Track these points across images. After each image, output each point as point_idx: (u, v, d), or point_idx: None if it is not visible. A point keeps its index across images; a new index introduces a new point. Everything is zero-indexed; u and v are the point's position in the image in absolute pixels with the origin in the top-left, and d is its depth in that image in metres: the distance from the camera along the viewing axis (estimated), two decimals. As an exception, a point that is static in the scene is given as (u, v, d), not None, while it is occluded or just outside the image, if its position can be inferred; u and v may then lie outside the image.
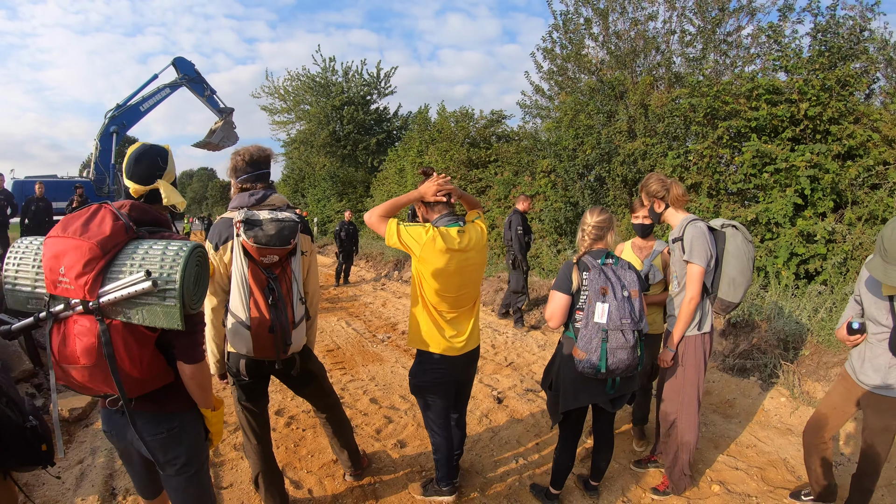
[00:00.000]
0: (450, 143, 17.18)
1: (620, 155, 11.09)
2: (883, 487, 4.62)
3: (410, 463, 4.70)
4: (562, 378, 3.68)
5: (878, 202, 7.78)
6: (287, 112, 29.56)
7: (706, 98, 9.56)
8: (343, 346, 8.47)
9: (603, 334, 3.35)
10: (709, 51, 11.68)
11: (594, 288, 3.39)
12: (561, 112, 13.41)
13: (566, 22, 13.77)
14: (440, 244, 3.36)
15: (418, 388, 3.79)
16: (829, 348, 6.43)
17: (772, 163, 8.57)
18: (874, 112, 8.53)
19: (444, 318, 3.62)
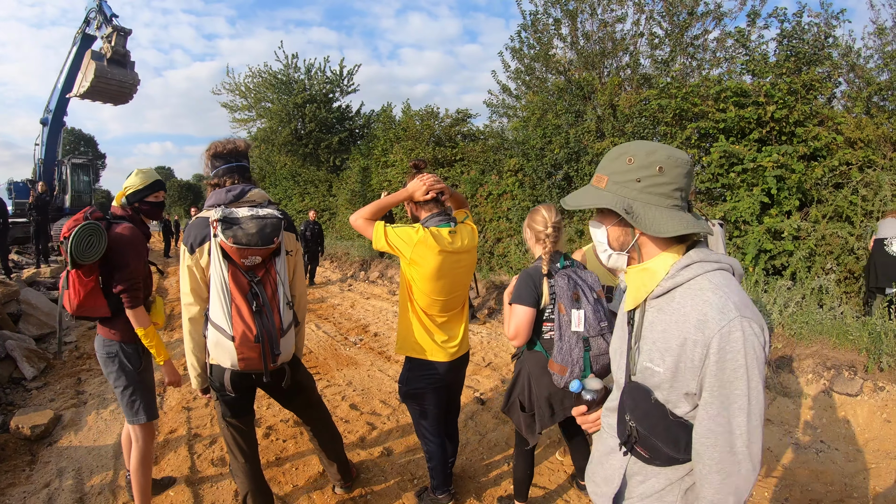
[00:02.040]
0: (415, 142, 17.15)
1: (589, 154, 11.17)
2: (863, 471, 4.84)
3: (400, 471, 4.66)
4: (534, 396, 3.44)
5: (842, 200, 8.08)
6: (248, 109, 29.00)
7: (675, 100, 9.71)
8: (315, 350, 8.42)
9: (584, 343, 3.14)
10: (677, 53, 11.81)
11: (566, 295, 3.18)
12: (528, 111, 13.48)
13: (535, 22, 13.83)
14: (432, 245, 3.26)
15: (410, 395, 3.68)
16: (801, 341, 6.66)
17: (739, 163, 8.76)
18: (838, 115, 8.81)
19: (435, 322, 3.53)
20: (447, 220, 3.41)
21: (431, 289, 3.39)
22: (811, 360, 6.45)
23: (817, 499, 4.43)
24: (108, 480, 4.66)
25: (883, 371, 6.07)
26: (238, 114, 29.03)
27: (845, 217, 8.05)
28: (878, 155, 8.25)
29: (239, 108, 28.88)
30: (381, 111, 25.33)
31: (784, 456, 5.14)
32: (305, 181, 26.97)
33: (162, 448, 5.24)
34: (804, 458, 5.11)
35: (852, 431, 5.57)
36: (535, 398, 3.42)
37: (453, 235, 3.38)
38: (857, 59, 9.55)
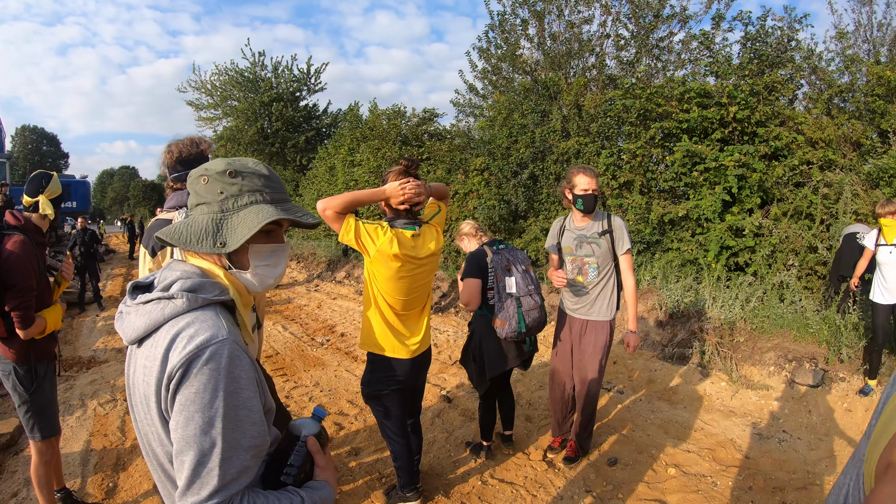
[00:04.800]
0: (381, 141, 16.91)
1: (554, 154, 11.12)
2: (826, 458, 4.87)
3: (368, 470, 4.61)
4: (484, 350, 4.30)
5: (801, 199, 8.14)
6: (214, 108, 28.39)
7: (639, 100, 9.72)
8: (282, 352, 8.23)
9: (517, 301, 4.09)
10: (642, 55, 11.84)
11: (500, 266, 4.15)
12: (495, 111, 13.41)
13: (502, 22, 13.79)
14: (395, 247, 3.24)
15: (373, 396, 3.68)
16: (763, 334, 6.73)
17: (701, 162, 8.79)
18: (799, 116, 8.89)
19: (397, 318, 3.51)
20: (412, 223, 3.39)
21: (393, 288, 3.39)
22: (773, 353, 6.51)
23: (781, 486, 4.43)
24: (75, 488, 4.50)
25: (843, 362, 6.16)
26: (204, 112, 28.38)
27: (806, 215, 8.12)
28: (838, 154, 8.33)
29: (205, 107, 28.23)
30: (347, 110, 25.02)
31: (747, 446, 5.13)
32: None
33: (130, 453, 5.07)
34: (767, 447, 5.12)
35: (814, 421, 5.62)
36: (485, 352, 4.30)
37: (416, 239, 3.37)
38: (819, 62, 9.67)
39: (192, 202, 1.54)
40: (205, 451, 1.29)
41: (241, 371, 1.36)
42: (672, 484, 4.40)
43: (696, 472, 4.61)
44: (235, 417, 1.33)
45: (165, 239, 1.48)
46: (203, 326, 1.35)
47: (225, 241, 1.48)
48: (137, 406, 1.44)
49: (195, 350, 1.31)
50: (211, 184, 1.50)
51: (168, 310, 1.38)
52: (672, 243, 9.16)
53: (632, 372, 7.04)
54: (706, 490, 4.34)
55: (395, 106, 17.66)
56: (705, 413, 5.87)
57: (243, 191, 1.51)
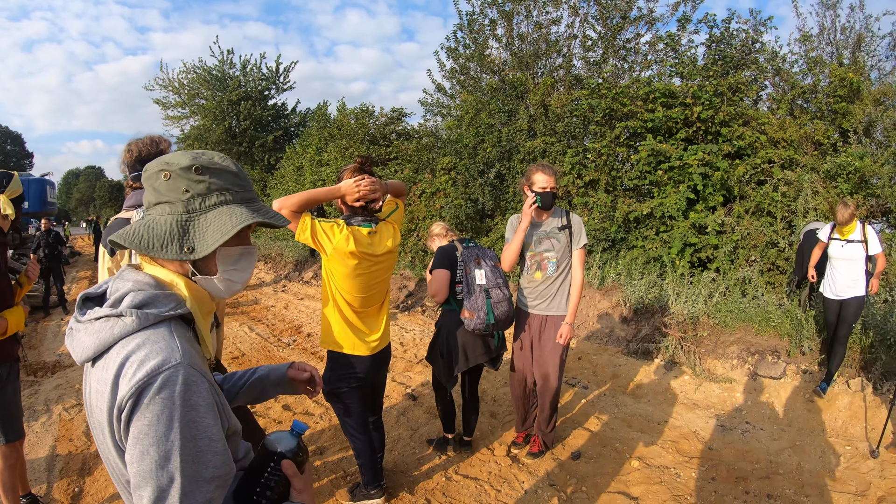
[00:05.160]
0: (349, 141, 16.75)
1: (521, 153, 11.11)
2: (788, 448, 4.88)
3: (333, 469, 4.54)
4: (452, 345, 4.24)
5: (763, 196, 8.20)
6: (181, 106, 27.68)
7: (605, 100, 9.74)
8: (248, 353, 8.08)
9: (486, 293, 4.08)
10: (609, 56, 11.87)
11: (470, 259, 4.17)
12: (462, 110, 13.36)
13: (471, 22, 13.72)
14: (351, 245, 3.21)
15: (333, 393, 3.62)
16: (726, 329, 6.75)
17: (666, 161, 8.83)
18: (762, 116, 8.97)
19: (356, 316, 3.46)
20: (369, 220, 3.37)
21: (350, 285, 3.36)
22: (736, 347, 6.53)
23: (744, 476, 4.46)
24: (41, 493, 4.36)
25: (805, 354, 6.17)
26: (171, 111, 27.68)
27: (767, 212, 8.17)
28: (800, 153, 8.41)
29: (172, 105, 27.53)
30: (316, 109, 24.69)
31: (711, 438, 5.15)
32: None
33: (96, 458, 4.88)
34: (730, 438, 5.14)
35: (777, 412, 5.66)
36: (452, 347, 4.23)
37: (373, 236, 3.35)
38: (783, 63, 9.75)
39: (149, 200, 1.38)
40: (163, 487, 1.17)
41: (198, 398, 1.23)
42: (636, 476, 4.40)
43: (659, 464, 4.61)
44: (195, 448, 1.21)
45: (122, 242, 1.33)
46: (154, 349, 1.22)
47: (193, 247, 1.34)
48: (94, 429, 1.32)
49: (145, 378, 1.17)
50: (174, 180, 1.35)
51: (117, 329, 1.24)
52: (637, 241, 9.17)
53: (596, 367, 7.01)
54: (669, 481, 4.33)
55: (363, 105, 17.56)
56: (669, 406, 5.88)
57: (211, 189, 1.37)
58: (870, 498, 4.20)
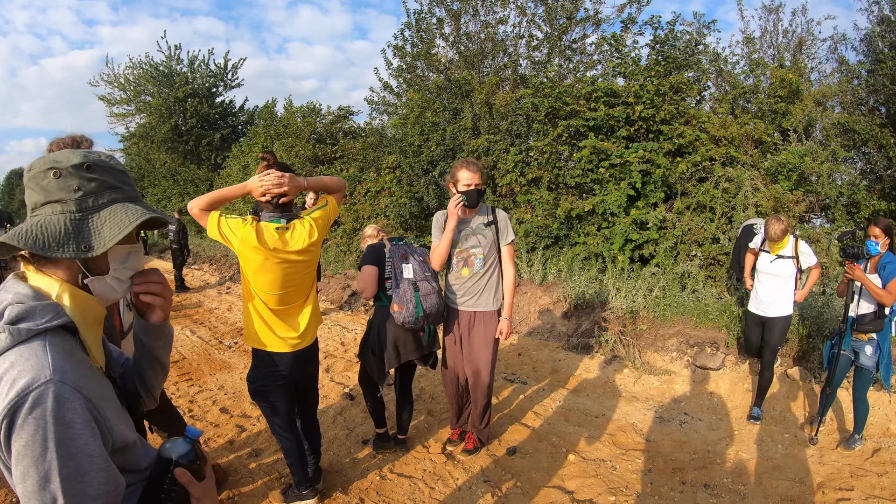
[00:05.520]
0: (295, 139, 16.47)
1: (465, 151, 11.00)
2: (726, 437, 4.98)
3: (268, 470, 4.45)
4: (383, 340, 4.19)
5: (703, 193, 8.22)
6: (127, 103, 26.53)
7: (548, 99, 9.72)
8: (189, 356, 7.78)
9: (414, 286, 4.06)
10: (554, 55, 11.86)
11: (398, 255, 4.15)
12: (408, 109, 13.21)
13: (419, 21, 13.54)
14: (254, 240, 3.15)
15: (258, 392, 3.55)
16: (665, 322, 6.76)
17: (607, 158, 8.81)
18: (703, 115, 9.02)
19: (273, 314, 3.41)
20: (278, 216, 3.30)
21: (263, 282, 3.29)
22: (675, 339, 6.50)
23: (680, 467, 4.43)
24: None
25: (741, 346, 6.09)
26: (116, 108, 26.59)
27: (708, 208, 8.19)
28: (740, 152, 8.47)
29: (117, 102, 26.42)
30: (262, 107, 24.12)
31: (649, 430, 5.12)
32: (185, 180, 25.14)
33: None
34: (668, 430, 5.12)
35: (715, 402, 5.69)
36: (383, 342, 4.18)
37: (282, 232, 3.25)
38: (725, 65, 9.88)
39: (35, 200, 1.33)
40: None
41: (72, 414, 1.19)
42: (571, 470, 4.35)
43: (595, 457, 4.56)
44: (76, 467, 1.17)
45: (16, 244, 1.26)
46: (25, 367, 1.18)
47: (90, 245, 1.31)
48: None
49: (16, 398, 1.14)
50: (65, 179, 1.31)
51: None
52: (579, 237, 9.15)
53: (536, 363, 6.94)
54: (605, 474, 4.28)
55: (310, 103, 17.28)
56: (607, 400, 5.84)
57: (103, 187, 1.36)
58: (808, 485, 4.19)
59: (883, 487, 4.13)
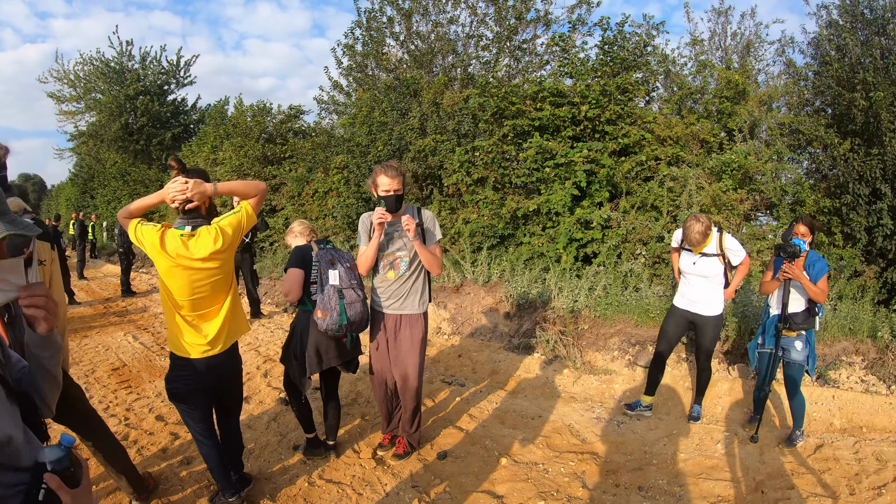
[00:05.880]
0: (244, 139, 16.06)
1: (411, 151, 10.85)
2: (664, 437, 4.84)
3: (198, 479, 4.28)
4: (304, 346, 4.08)
5: (648, 192, 8.19)
6: (77, 101, 25.43)
7: (494, 98, 9.64)
8: (129, 363, 7.40)
9: (339, 293, 3.94)
10: (502, 55, 11.80)
11: (325, 260, 4.00)
12: (356, 108, 13.02)
13: (370, 19, 13.32)
14: (158, 247, 3.13)
15: (172, 395, 3.49)
16: (606, 321, 6.67)
17: (552, 158, 8.72)
18: (648, 115, 9.00)
19: (183, 319, 3.36)
20: (185, 223, 3.26)
21: (173, 287, 3.25)
22: (616, 338, 6.39)
23: (614, 469, 4.30)
24: None
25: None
26: (66, 105, 25.52)
27: (653, 207, 8.14)
28: (686, 151, 8.45)
29: (67, 99, 25.35)
30: (212, 106, 23.52)
31: (585, 431, 4.96)
32: (135, 181, 24.22)
33: None
34: (605, 430, 4.98)
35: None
36: (305, 348, 4.07)
37: (186, 239, 3.19)
38: (674, 66, 9.87)
39: None
40: None
41: None
42: (502, 474, 4.23)
43: (528, 460, 4.44)
44: None
45: None
46: None
47: None
48: None
49: None
50: None
51: None
52: (524, 237, 9.06)
53: (476, 364, 6.75)
54: (537, 478, 4.15)
55: (260, 102, 16.99)
56: (546, 401, 5.66)
57: None
58: (747, 484, 4.08)
59: (825, 485, 4.04)
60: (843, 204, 7.72)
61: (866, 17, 8.89)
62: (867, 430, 4.92)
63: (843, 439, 4.74)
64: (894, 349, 5.44)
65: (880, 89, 7.57)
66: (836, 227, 7.80)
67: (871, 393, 5.19)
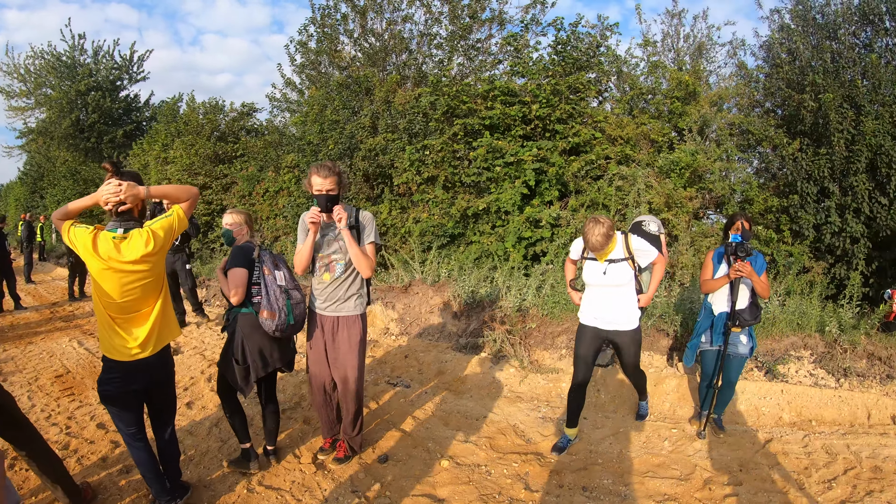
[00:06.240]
0: (195, 137, 15.64)
1: (362, 150, 10.62)
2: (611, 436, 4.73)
3: (137, 487, 4.14)
4: (248, 349, 3.94)
5: (598, 191, 8.14)
6: (26, 96, 24.46)
7: (445, 97, 9.52)
8: (73, 370, 7.06)
9: (286, 294, 3.95)
10: (455, 54, 11.71)
11: (269, 262, 3.96)
12: (308, 106, 12.77)
13: (324, 16, 13.02)
14: (91, 249, 3.12)
15: (103, 397, 3.41)
16: (554, 320, 6.56)
17: (502, 157, 8.65)
18: (599, 114, 9.02)
19: (113, 321, 3.32)
20: (117, 225, 3.24)
21: (102, 289, 3.23)
22: (564, 337, 6.29)
23: (559, 469, 4.18)
24: None
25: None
26: (15, 101, 24.46)
27: (603, 205, 8.10)
28: (636, 150, 8.45)
29: (17, 95, 24.31)
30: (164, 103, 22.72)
31: (530, 431, 4.86)
32: (85, 180, 23.31)
33: None
34: (550, 430, 4.86)
35: (602, 400, 5.41)
36: (249, 352, 3.93)
37: (117, 242, 3.18)
38: (626, 66, 9.90)
39: None
40: None
41: None
42: (444, 477, 4.14)
43: (471, 462, 4.34)
44: None
45: None
46: None
47: None
48: None
49: None
50: None
51: None
52: (474, 236, 8.96)
53: (423, 365, 6.59)
54: (479, 480, 4.08)
55: (212, 99, 16.56)
56: (491, 401, 5.55)
57: None
58: (695, 481, 4.00)
59: (774, 480, 3.98)
60: (791, 203, 7.86)
61: (818, 22, 9.15)
62: (816, 423, 4.90)
63: (793, 433, 4.70)
64: (842, 343, 5.45)
65: (830, 91, 7.73)
66: (784, 224, 7.95)
67: (820, 387, 5.19)
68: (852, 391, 5.12)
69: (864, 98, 7.85)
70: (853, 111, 7.83)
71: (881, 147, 7.44)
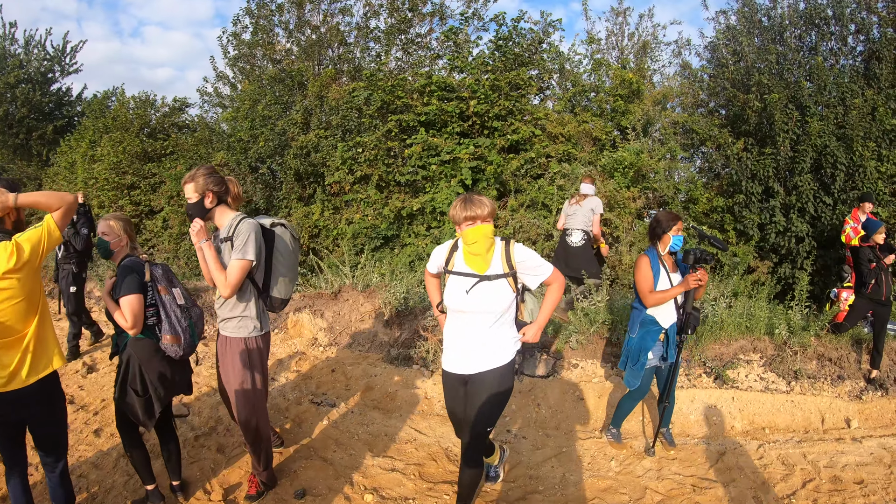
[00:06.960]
0: (123, 133, 14.71)
1: (293, 147, 10.08)
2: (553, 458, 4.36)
3: None
4: (149, 378, 3.48)
5: (538, 190, 7.94)
6: None
7: (380, 92, 9.07)
8: None
9: (186, 312, 3.51)
10: (392, 48, 11.40)
11: (165, 280, 3.47)
12: (240, 101, 12.14)
13: (259, 7, 12.43)
14: None
15: None
16: None
17: (437, 155, 8.32)
18: (539, 112, 8.82)
19: None
20: None
21: None
22: None
23: (494, 499, 3.78)
24: None
25: (575, 349, 5.47)
26: None
27: (543, 204, 7.88)
28: (578, 149, 8.26)
29: None
30: (93, 98, 21.44)
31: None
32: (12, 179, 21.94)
33: None
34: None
35: (543, 415, 4.98)
36: (150, 381, 3.48)
37: None
38: (568, 63, 9.78)
39: None
40: None
41: None
42: None
43: (397, 495, 3.88)
44: None
45: None
46: None
47: None
48: None
49: None
50: None
51: None
52: (408, 238, 8.55)
53: (350, 379, 6.01)
54: None
55: (142, 93, 15.76)
56: (422, 420, 5.09)
57: None
58: None
59: (731, 499, 3.71)
60: (736, 203, 7.82)
61: (764, 24, 9.28)
62: (770, 430, 4.74)
63: (747, 443, 4.49)
64: (792, 345, 5.29)
65: (776, 92, 7.71)
66: (728, 224, 7.89)
67: (772, 391, 5.05)
68: (804, 395, 5.00)
69: (810, 99, 7.88)
70: (798, 112, 7.82)
71: (826, 147, 7.44)
